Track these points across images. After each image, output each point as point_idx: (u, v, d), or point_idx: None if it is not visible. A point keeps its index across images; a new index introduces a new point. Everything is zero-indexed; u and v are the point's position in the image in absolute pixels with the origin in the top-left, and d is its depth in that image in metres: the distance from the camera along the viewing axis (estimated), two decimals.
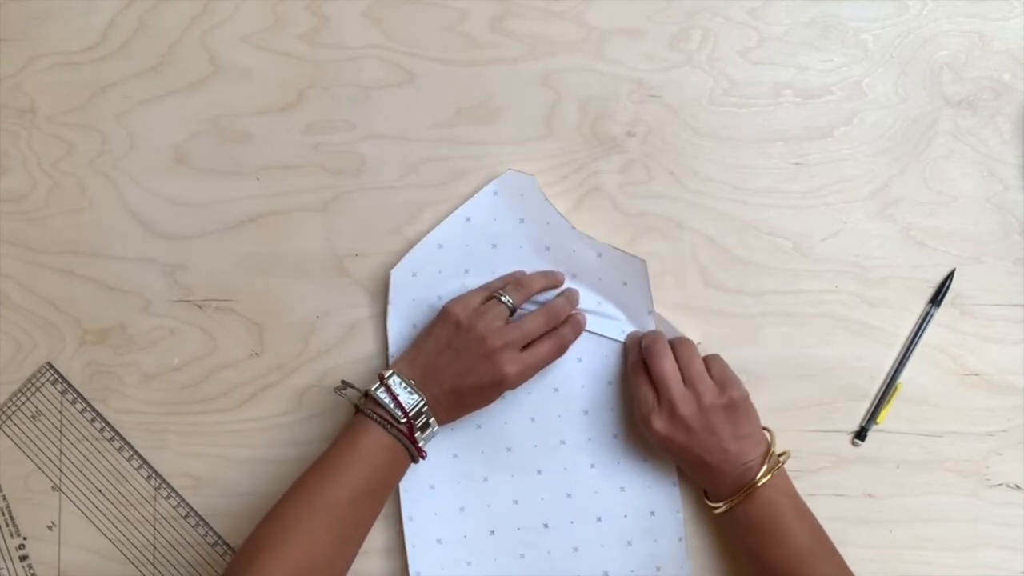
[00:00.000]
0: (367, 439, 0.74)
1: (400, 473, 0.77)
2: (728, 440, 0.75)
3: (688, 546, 0.81)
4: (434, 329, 0.78)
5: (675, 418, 0.75)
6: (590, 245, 0.81)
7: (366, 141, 0.84)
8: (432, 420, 0.76)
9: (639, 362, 0.79)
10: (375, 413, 0.75)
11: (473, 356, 0.76)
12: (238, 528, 0.84)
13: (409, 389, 0.75)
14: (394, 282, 0.81)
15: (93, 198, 0.85)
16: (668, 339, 0.79)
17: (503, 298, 0.78)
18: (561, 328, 0.79)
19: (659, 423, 0.76)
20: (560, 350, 0.79)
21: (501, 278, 0.81)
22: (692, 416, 0.75)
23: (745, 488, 0.74)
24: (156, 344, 0.85)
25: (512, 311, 0.78)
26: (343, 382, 0.79)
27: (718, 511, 0.76)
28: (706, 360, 0.78)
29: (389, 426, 0.74)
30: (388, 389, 0.75)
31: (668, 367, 0.76)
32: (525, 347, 0.78)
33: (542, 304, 0.80)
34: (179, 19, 0.84)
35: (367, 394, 0.76)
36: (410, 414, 0.75)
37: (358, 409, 0.76)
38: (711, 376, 0.77)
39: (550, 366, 0.80)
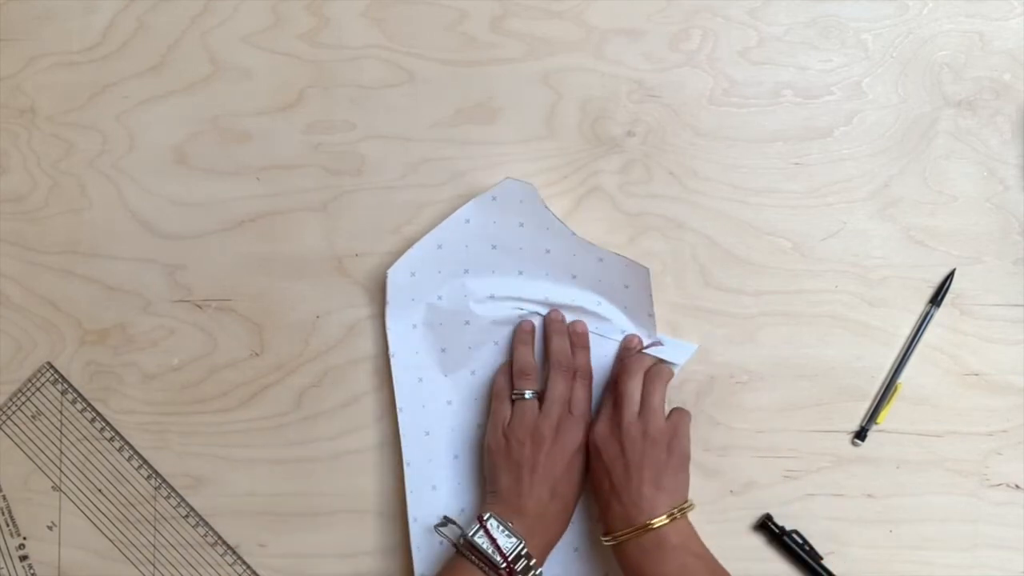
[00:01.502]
0: (457, 572, 0.74)
1: None
2: (647, 483, 0.74)
3: None
4: (497, 468, 0.78)
5: (615, 432, 0.76)
6: (591, 251, 0.81)
7: (366, 141, 0.84)
8: (533, 563, 0.74)
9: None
10: (473, 556, 0.74)
11: (544, 456, 0.76)
12: (238, 528, 0.84)
13: (508, 532, 0.74)
14: (391, 282, 0.81)
15: (93, 198, 0.85)
16: (652, 363, 0.79)
17: (525, 395, 0.79)
18: (575, 360, 0.80)
19: (600, 429, 0.77)
20: (590, 380, 0.80)
21: (501, 371, 0.81)
22: (631, 440, 0.75)
23: (637, 528, 0.73)
24: (156, 344, 0.85)
25: (540, 396, 0.79)
26: (445, 518, 0.78)
27: (607, 543, 0.75)
28: (676, 410, 0.79)
29: (488, 570, 0.73)
30: (487, 533, 0.74)
31: (631, 387, 0.77)
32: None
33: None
34: (179, 19, 0.84)
35: (466, 537, 0.75)
36: (509, 559, 0.73)
37: (457, 550, 0.75)
38: (668, 418, 0.77)
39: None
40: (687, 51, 0.83)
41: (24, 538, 0.85)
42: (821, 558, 0.80)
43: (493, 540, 0.74)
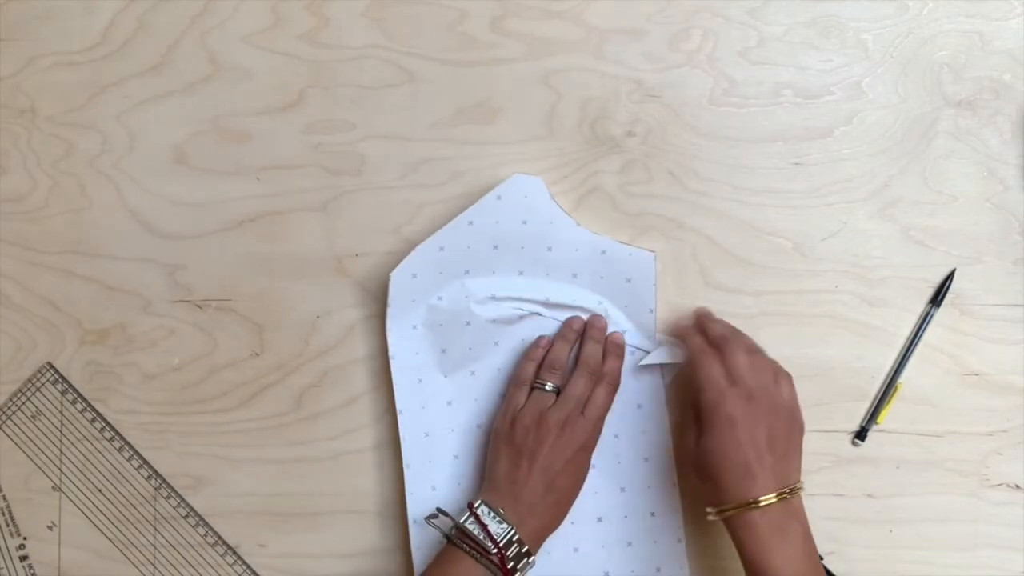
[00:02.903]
0: (456, 571, 0.73)
1: None
2: (779, 459, 0.72)
3: (688, 547, 0.81)
4: (498, 453, 0.78)
5: (749, 407, 0.72)
6: (594, 242, 0.81)
7: (366, 141, 0.84)
8: (525, 549, 0.74)
9: (706, 346, 0.76)
10: (465, 544, 0.74)
11: (546, 448, 0.76)
12: (238, 528, 0.84)
13: (498, 518, 0.74)
14: (394, 284, 0.81)
15: (93, 198, 0.85)
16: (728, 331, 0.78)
17: (546, 387, 0.79)
18: (605, 366, 0.80)
19: (734, 402, 0.72)
20: (615, 388, 0.80)
21: (528, 358, 0.81)
22: (762, 410, 0.72)
23: (747, 503, 0.70)
24: (156, 344, 0.85)
25: (557, 393, 0.79)
26: (438, 509, 0.78)
27: (711, 517, 0.73)
28: (785, 378, 0.76)
29: (480, 556, 0.73)
30: (477, 519, 0.74)
31: (740, 356, 0.74)
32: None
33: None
34: (179, 19, 0.84)
35: (457, 526, 0.75)
36: (500, 544, 0.73)
37: (449, 540, 0.75)
38: (780, 389, 0.75)
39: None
40: (687, 51, 0.83)
41: (24, 538, 0.85)
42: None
43: (484, 527, 0.74)
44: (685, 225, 0.82)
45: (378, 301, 0.83)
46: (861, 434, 0.81)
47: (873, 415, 0.81)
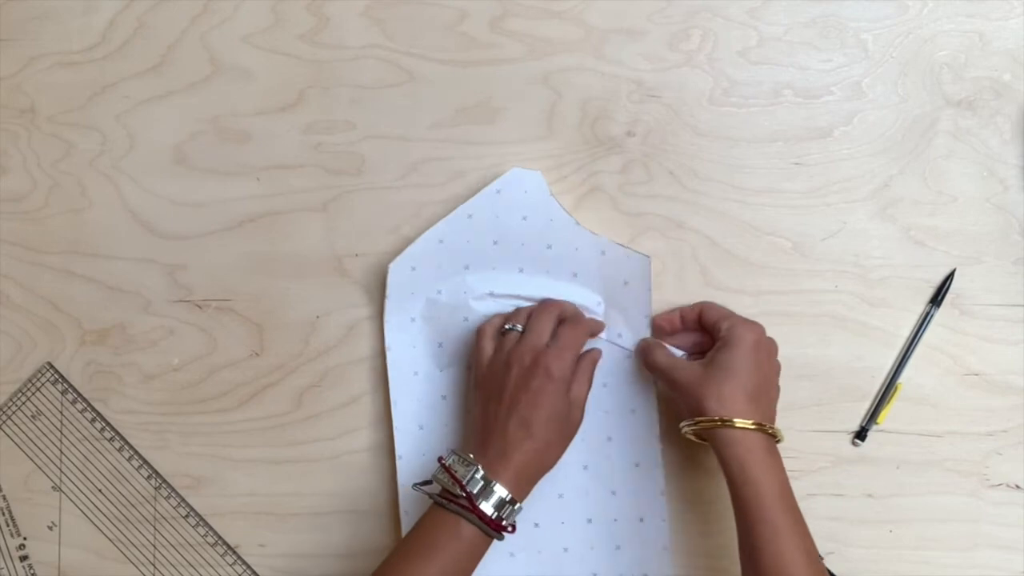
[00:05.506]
0: (428, 520, 0.72)
1: (478, 553, 0.72)
2: (772, 401, 0.75)
3: (688, 547, 0.81)
4: (471, 404, 0.78)
5: (767, 342, 0.76)
6: (594, 242, 0.81)
7: (366, 141, 0.84)
8: (495, 485, 0.71)
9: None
10: (443, 499, 0.72)
11: (511, 383, 0.75)
12: (238, 528, 0.84)
13: (465, 462, 0.72)
14: (392, 276, 0.81)
15: (93, 198, 0.85)
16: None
17: (514, 327, 0.78)
18: (569, 311, 0.80)
19: (756, 333, 0.76)
20: (582, 328, 0.79)
21: (495, 316, 0.81)
22: (768, 354, 0.76)
23: (723, 421, 0.71)
24: (156, 344, 0.85)
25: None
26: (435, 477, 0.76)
27: (684, 430, 0.74)
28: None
29: (450, 503, 0.71)
30: (446, 469, 0.72)
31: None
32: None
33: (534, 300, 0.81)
34: (179, 19, 0.84)
35: (432, 477, 0.74)
36: (465, 483, 0.71)
37: (432, 499, 0.74)
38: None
39: None
40: (687, 51, 0.83)
41: (24, 538, 0.85)
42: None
43: (452, 473, 0.72)
44: (685, 225, 0.83)
45: (378, 301, 0.83)
46: (861, 434, 0.81)
47: (873, 415, 0.81)
